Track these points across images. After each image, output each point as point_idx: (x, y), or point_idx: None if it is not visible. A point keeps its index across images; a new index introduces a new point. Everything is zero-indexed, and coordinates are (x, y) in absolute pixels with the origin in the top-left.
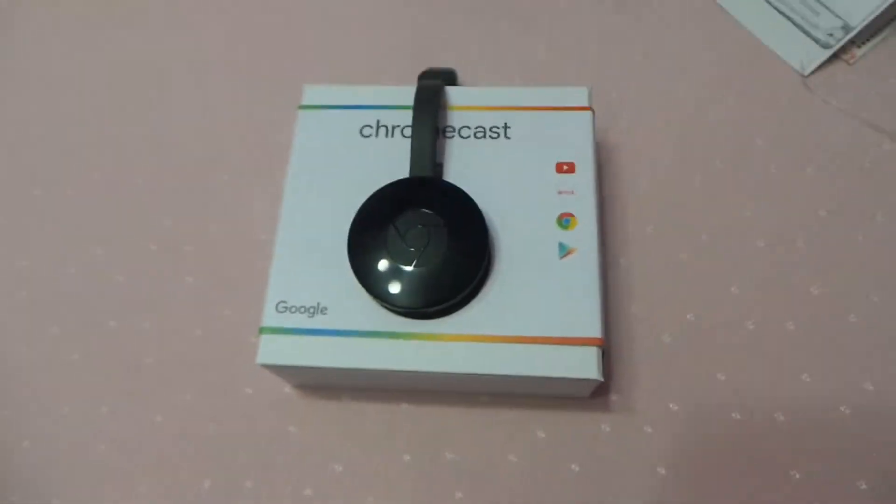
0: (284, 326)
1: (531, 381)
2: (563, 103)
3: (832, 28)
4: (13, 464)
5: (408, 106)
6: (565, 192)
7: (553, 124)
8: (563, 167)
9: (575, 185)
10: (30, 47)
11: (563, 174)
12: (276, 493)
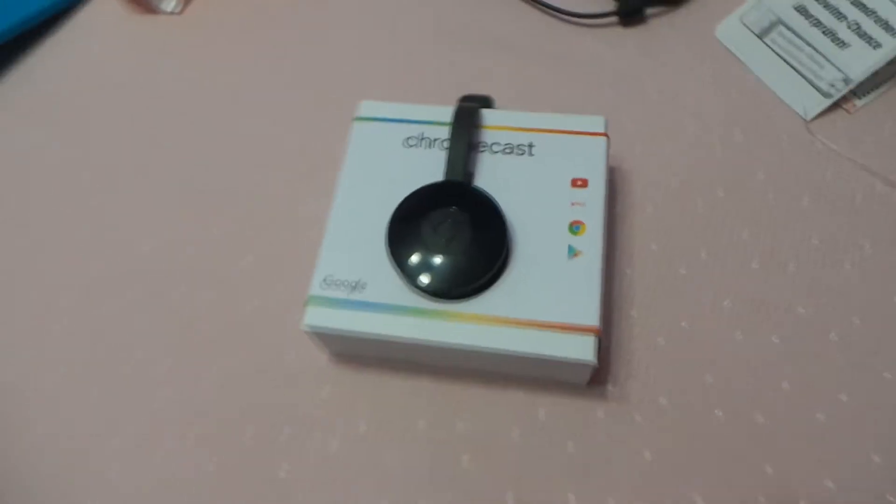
0: (328, 297)
1: (535, 363)
2: (583, 129)
3: (834, 80)
4: (87, 404)
5: (448, 123)
6: (577, 204)
7: (572, 146)
8: (578, 182)
9: (586, 198)
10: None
11: (577, 188)
12: (307, 443)
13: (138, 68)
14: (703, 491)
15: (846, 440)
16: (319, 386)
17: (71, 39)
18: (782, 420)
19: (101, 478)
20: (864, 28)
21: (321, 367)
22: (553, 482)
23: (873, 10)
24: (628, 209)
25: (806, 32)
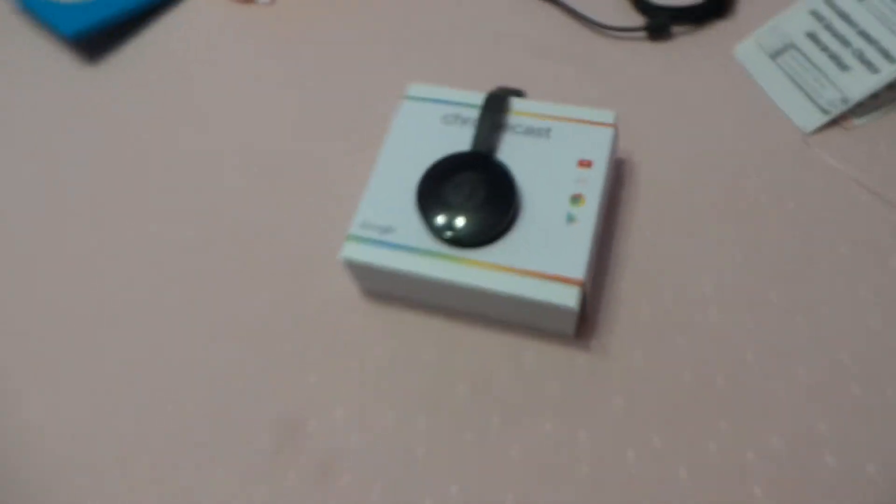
0: (363, 236)
1: (529, 306)
2: (595, 119)
3: (833, 99)
4: (170, 310)
5: (480, 106)
6: (581, 181)
7: (583, 133)
8: (584, 163)
9: (589, 177)
10: (183, 38)
11: (582, 168)
12: (335, 361)
13: (233, 48)
14: (661, 434)
15: (797, 408)
16: (349, 315)
17: (181, 20)
18: (742, 386)
19: (170, 364)
20: (867, 55)
21: (352, 299)
22: (534, 413)
23: (876, 39)
24: (632, 197)
25: (814, 56)
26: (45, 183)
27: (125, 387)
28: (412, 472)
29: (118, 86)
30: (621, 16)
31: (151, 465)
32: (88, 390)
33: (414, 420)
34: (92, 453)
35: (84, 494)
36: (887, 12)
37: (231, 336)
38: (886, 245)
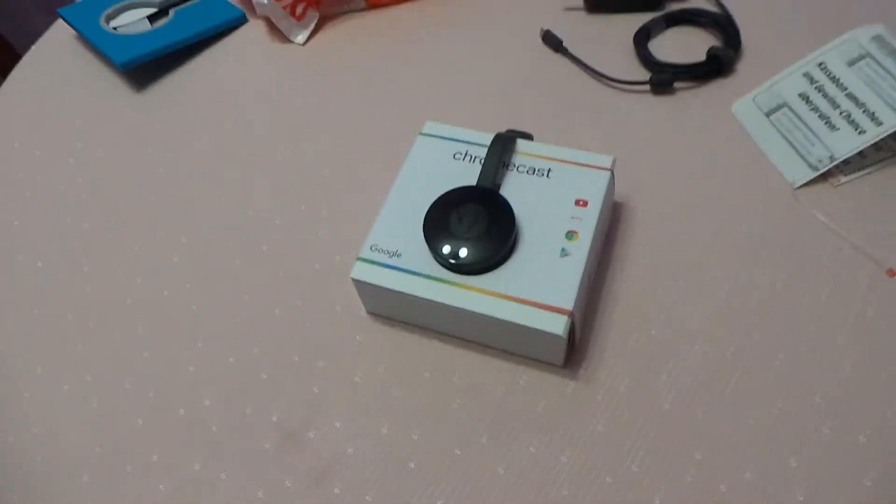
0: (372, 259)
1: (521, 332)
2: (594, 163)
3: (821, 156)
4: (193, 314)
5: (487, 145)
6: (576, 218)
7: (582, 174)
8: (580, 202)
9: (584, 214)
10: (225, 70)
11: (579, 207)
12: (338, 374)
13: (269, 82)
14: (640, 462)
15: (770, 444)
16: (354, 333)
17: (223, 54)
18: (719, 419)
19: (193, 353)
20: (854, 117)
21: (359, 319)
22: (521, 432)
23: (864, 102)
24: (627, 236)
25: (805, 116)
26: (92, 194)
27: (143, 384)
28: (403, 482)
29: (163, 110)
30: (629, 70)
31: (160, 460)
32: (107, 387)
33: (408, 434)
34: (105, 448)
35: (94, 487)
36: (875, 78)
37: (245, 344)
38: (865, 296)
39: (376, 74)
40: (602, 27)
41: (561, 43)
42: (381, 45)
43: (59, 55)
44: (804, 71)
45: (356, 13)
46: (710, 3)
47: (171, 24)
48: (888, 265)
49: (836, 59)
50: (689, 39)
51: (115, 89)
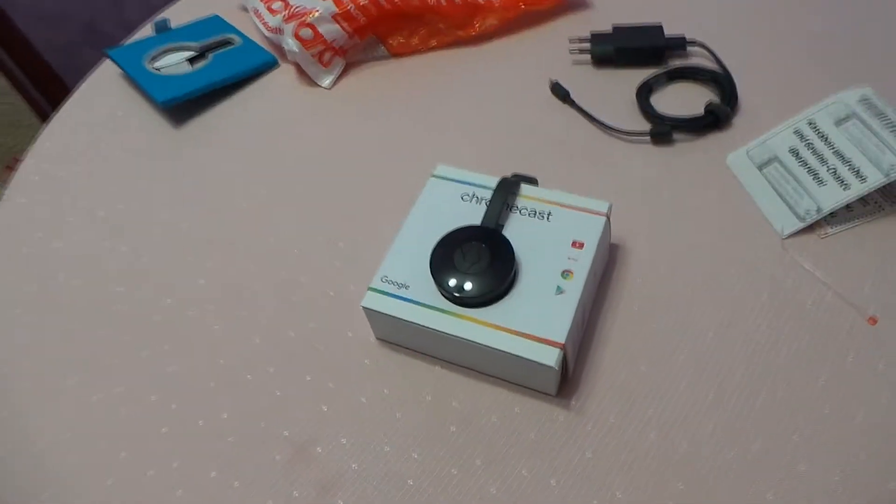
0: (382, 289)
1: (517, 362)
2: (591, 208)
3: (809, 208)
4: (217, 336)
5: (493, 188)
6: (572, 259)
7: (579, 218)
8: (576, 244)
9: (580, 256)
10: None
11: (575, 248)
12: (346, 395)
13: (297, 120)
14: (624, 489)
15: (748, 479)
16: (363, 357)
17: (256, 95)
18: (701, 452)
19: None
20: (840, 173)
21: (367, 344)
22: (513, 458)
23: (849, 159)
24: (622, 277)
25: (794, 170)
26: (129, 218)
27: (168, 396)
28: (402, 498)
29: (198, 145)
30: (631, 121)
31: (179, 467)
32: (135, 398)
33: (408, 453)
34: (130, 453)
35: (117, 490)
36: (861, 137)
37: (262, 363)
38: (845, 343)
39: (395, 118)
40: (607, 81)
41: (568, 94)
42: (400, 92)
43: (105, 92)
44: (795, 128)
45: (379, 61)
46: (710, 61)
47: (209, 66)
48: (869, 313)
49: (825, 118)
50: (689, 94)
51: (155, 125)
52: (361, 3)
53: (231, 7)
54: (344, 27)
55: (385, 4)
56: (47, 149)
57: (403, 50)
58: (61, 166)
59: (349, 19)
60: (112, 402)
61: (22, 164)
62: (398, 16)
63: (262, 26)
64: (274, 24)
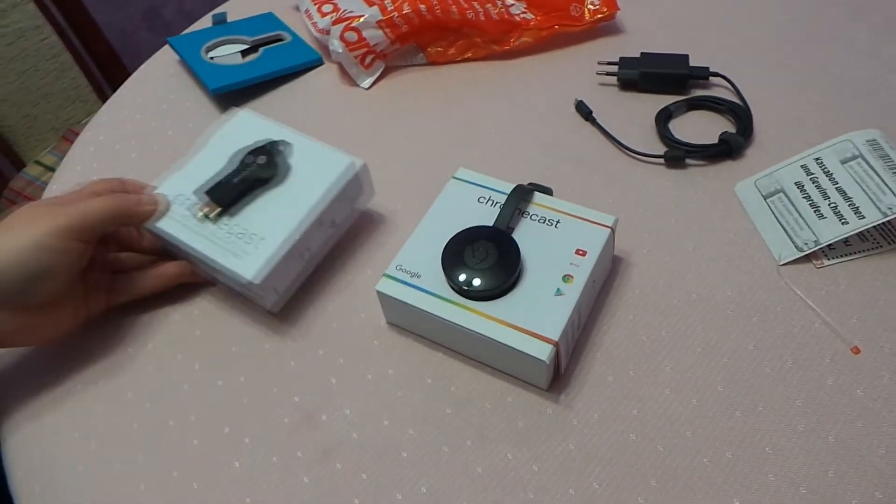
0: (396, 277)
1: (512, 353)
2: (598, 220)
3: (808, 239)
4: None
5: (507, 194)
6: (574, 265)
7: (585, 229)
8: (580, 252)
9: (581, 263)
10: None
11: (578, 255)
12: (353, 371)
13: (335, 116)
14: (601, 480)
15: (719, 484)
16: (373, 338)
17: (300, 89)
18: (677, 455)
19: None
20: (840, 208)
21: (378, 327)
22: (501, 442)
23: (850, 197)
24: (622, 288)
25: (798, 202)
26: None
27: (191, 358)
28: (394, 469)
29: None
30: (648, 144)
31: (196, 420)
32: (155, 354)
33: (405, 429)
34: (154, 405)
35: (142, 435)
36: (864, 176)
37: (280, 335)
38: (827, 367)
39: (425, 121)
40: (630, 104)
41: (591, 113)
42: (433, 97)
43: (162, 76)
44: (803, 163)
45: (417, 67)
46: (731, 93)
47: (259, 59)
48: (853, 343)
49: (832, 156)
50: (707, 123)
51: (204, 110)
52: (405, 13)
53: (285, 6)
54: (387, 33)
55: (427, 15)
56: (104, 123)
57: (440, 58)
58: (115, 141)
59: (392, 26)
60: (144, 360)
61: (80, 136)
62: (439, 27)
63: (311, 26)
64: (322, 26)
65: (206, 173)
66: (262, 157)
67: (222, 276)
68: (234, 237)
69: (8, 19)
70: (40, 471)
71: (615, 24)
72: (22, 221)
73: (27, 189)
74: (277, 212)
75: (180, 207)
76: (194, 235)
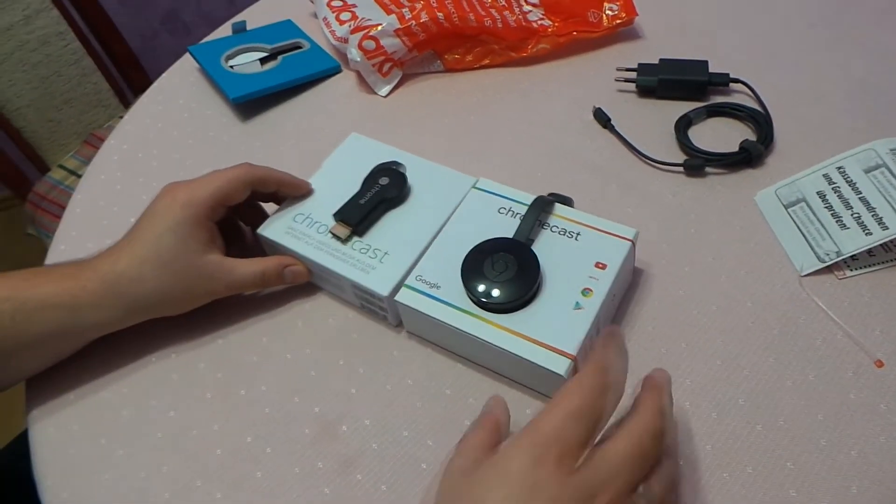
0: (416, 287)
1: (529, 367)
2: (618, 232)
3: (829, 250)
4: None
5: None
6: (593, 278)
7: (605, 241)
8: (599, 265)
9: (601, 276)
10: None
11: (597, 268)
12: (373, 381)
13: (352, 123)
14: None
15: (739, 499)
16: (392, 349)
17: (318, 97)
18: (697, 469)
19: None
20: (863, 219)
21: (398, 337)
22: None
23: (874, 207)
24: (642, 300)
25: (819, 212)
26: None
27: (213, 366)
28: (413, 480)
29: (261, 139)
30: (667, 152)
31: (220, 429)
32: (187, 364)
33: (424, 440)
34: (178, 412)
35: (166, 441)
36: (888, 186)
37: (301, 345)
38: (849, 380)
39: (443, 129)
40: (649, 111)
41: (609, 121)
42: (451, 104)
43: (183, 84)
44: (824, 172)
45: (434, 74)
46: (751, 100)
47: (278, 67)
48: (877, 356)
49: (855, 165)
50: (727, 130)
51: (224, 118)
52: (422, 21)
53: (304, 14)
54: (404, 41)
55: (444, 23)
56: (127, 132)
57: (457, 65)
58: (138, 150)
59: (410, 35)
60: (168, 368)
61: (104, 144)
62: (456, 35)
63: (329, 34)
64: (341, 34)
65: (326, 195)
66: (385, 177)
67: (349, 292)
68: (363, 255)
69: (32, 26)
70: (68, 478)
71: (633, 30)
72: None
73: (51, 193)
74: (404, 230)
75: (305, 227)
76: (325, 255)
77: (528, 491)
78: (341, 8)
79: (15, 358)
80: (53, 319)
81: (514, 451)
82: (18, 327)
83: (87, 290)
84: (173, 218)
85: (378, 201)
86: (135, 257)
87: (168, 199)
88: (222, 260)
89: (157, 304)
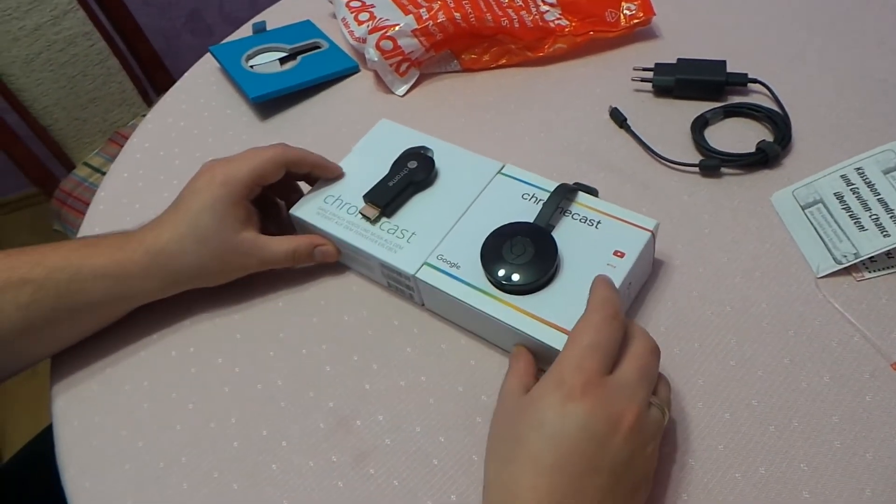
0: (436, 265)
1: (543, 350)
2: (638, 223)
3: (847, 252)
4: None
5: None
6: (611, 266)
7: (626, 230)
8: (618, 253)
9: (619, 264)
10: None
11: (616, 256)
12: (388, 377)
13: (370, 122)
14: None
15: (751, 500)
16: (406, 345)
17: (336, 97)
18: (709, 469)
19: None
20: (882, 220)
21: (412, 334)
22: None
23: (892, 208)
24: (659, 292)
25: (837, 213)
26: None
27: (231, 361)
28: (425, 476)
29: (280, 137)
30: (683, 152)
31: (237, 422)
32: (205, 362)
33: (436, 436)
34: (196, 405)
35: (179, 435)
36: None
37: (316, 341)
38: (865, 383)
39: (459, 128)
40: (665, 110)
41: (625, 120)
42: (467, 104)
43: (204, 84)
44: (842, 173)
45: (451, 74)
46: (769, 100)
47: (297, 67)
48: (894, 359)
49: (873, 166)
50: (743, 130)
51: (244, 117)
52: (440, 21)
53: (322, 14)
54: (422, 41)
55: (462, 23)
56: (149, 130)
57: (474, 65)
58: (160, 148)
59: (427, 35)
60: (187, 363)
61: (128, 142)
62: (473, 35)
63: (347, 35)
64: (359, 34)
65: (356, 178)
66: (413, 161)
67: (377, 271)
68: (391, 235)
69: (59, 26)
70: (90, 468)
71: (651, 30)
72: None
73: (76, 190)
74: (431, 212)
75: (335, 208)
76: (355, 235)
77: (562, 423)
78: (360, 8)
79: (67, 323)
80: (104, 288)
81: (544, 391)
82: (74, 296)
83: (133, 262)
84: (211, 195)
85: (406, 184)
86: (176, 232)
87: (207, 178)
88: (256, 237)
89: (196, 276)
